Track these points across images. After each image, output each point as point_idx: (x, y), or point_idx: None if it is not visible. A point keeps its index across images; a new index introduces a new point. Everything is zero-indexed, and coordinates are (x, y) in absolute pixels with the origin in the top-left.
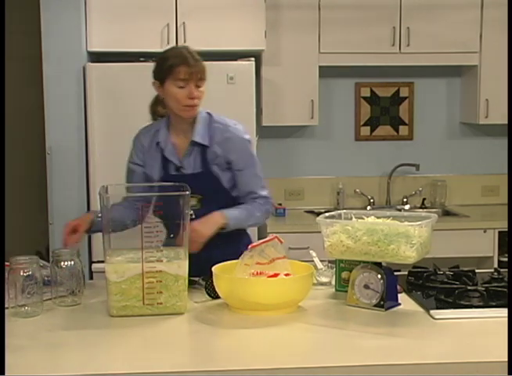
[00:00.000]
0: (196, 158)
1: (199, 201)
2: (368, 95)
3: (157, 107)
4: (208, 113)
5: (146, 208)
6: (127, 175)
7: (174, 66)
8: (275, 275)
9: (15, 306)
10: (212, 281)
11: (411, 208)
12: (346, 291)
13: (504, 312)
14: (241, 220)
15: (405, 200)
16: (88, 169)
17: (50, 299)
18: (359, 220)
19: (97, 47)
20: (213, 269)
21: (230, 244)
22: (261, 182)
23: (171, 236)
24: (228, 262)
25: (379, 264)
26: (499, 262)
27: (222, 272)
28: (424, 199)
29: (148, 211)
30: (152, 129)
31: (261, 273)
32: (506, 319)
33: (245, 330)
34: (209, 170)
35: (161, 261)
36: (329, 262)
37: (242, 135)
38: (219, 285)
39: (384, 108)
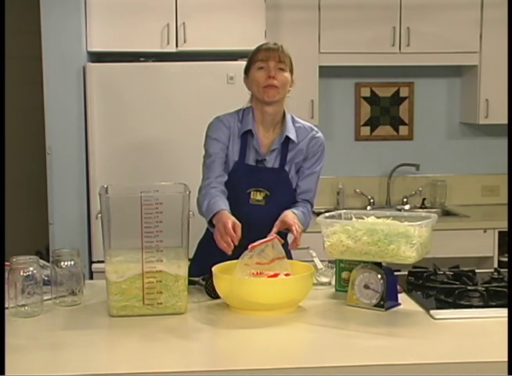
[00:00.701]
0: (278, 154)
1: (265, 197)
2: (368, 95)
3: None
4: (291, 115)
5: None
6: (206, 161)
7: (255, 53)
8: (276, 275)
9: (15, 306)
10: (212, 281)
11: (411, 208)
12: (346, 291)
13: (504, 312)
14: (301, 224)
15: (405, 200)
16: (88, 169)
17: (50, 299)
18: (359, 220)
19: (97, 47)
20: (213, 269)
21: None
22: (316, 189)
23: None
24: (228, 262)
25: (379, 264)
26: (499, 262)
27: (222, 273)
28: (424, 199)
29: None
30: (233, 116)
31: (261, 273)
32: (506, 319)
33: (245, 330)
34: (285, 168)
35: (161, 261)
36: (329, 262)
37: (323, 138)
38: (219, 285)
39: (384, 108)
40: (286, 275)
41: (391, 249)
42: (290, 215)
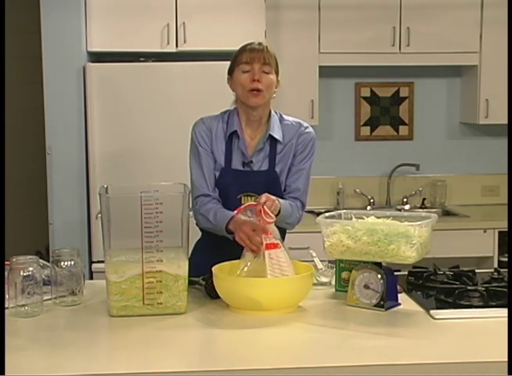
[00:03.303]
0: (265, 155)
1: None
2: (368, 95)
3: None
4: (277, 113)
5: None
6: (194, 170)
7: (238, 53)
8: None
9: (15, 306)
10: (212, 281)
11: (411, 208)
12: (346, 291)
13: (504, 312)
14: (285, 213)
15: (405, 200)
16: (88, 169)
17: (50, 299)
18: (359, 220)
19: (97, 47)
20: (213, 269)
21: None
22: (307, 186)
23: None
24: (228, 262)
25: (379, 264)
26: (499, 262)
27: (222, 273)
28: (424, 199)
29: None
30: (218, 118)
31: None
32: (506, 319)
33: (245, 330)
34: (274, 169)
35: (161, 261)
36: (329, 262)
37: (313, 133)
38: (219, 285)
39: (384, 108)
40: (275, 245)
41: (391, 249)
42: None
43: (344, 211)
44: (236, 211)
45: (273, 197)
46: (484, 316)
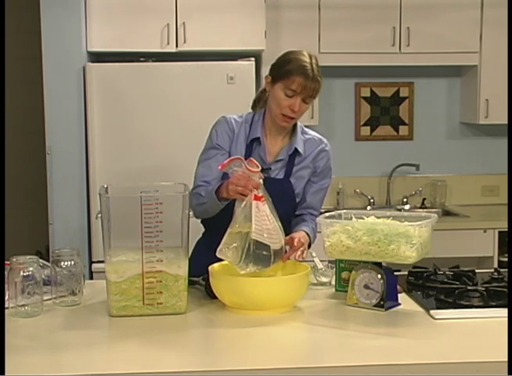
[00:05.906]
0: (283, 165)
1: None
2: (368, 95)
3: (258, 103)
4: (301, 125)
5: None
6: (201, 164)
7: (291, 73)
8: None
9: (15, 306)
10: None
11: (411, 208)
12: (346, 291)
13: (504, 312)
14: (314, 239)
15: (405, 200)
16: (88, 169)
17: (50, 299)
18: (359, 220)
19: (97, 47)
20: (209, 268)
21: None
22: (323, 202)
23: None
24: (226, 262)
25: (379, 264)
26: (499, 262)
27: (219, 272)
28: (424, 199)
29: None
30: (243, 120)
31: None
32: (506, 319)
33: (245, 330)
34: (288, 179)
35: (161, 261)
36: (329, 262)
37: (330, 150)
38: (215, 284)
39: (384, 108)
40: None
41: (391, 249)
42: (302, 234)
43: (344, 211)
44: (219, 167)
45: (301, 240)
46: (484, 316)
